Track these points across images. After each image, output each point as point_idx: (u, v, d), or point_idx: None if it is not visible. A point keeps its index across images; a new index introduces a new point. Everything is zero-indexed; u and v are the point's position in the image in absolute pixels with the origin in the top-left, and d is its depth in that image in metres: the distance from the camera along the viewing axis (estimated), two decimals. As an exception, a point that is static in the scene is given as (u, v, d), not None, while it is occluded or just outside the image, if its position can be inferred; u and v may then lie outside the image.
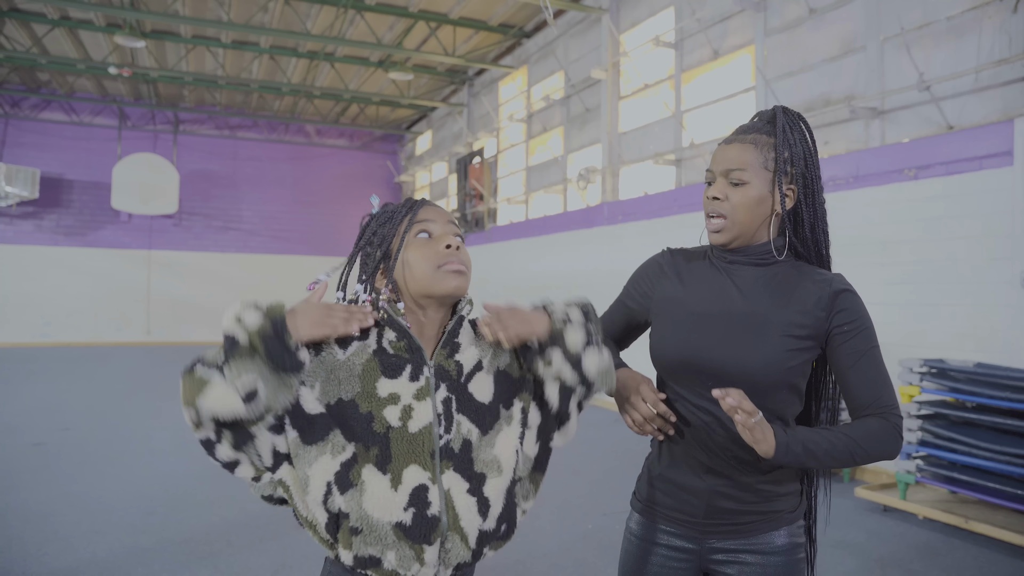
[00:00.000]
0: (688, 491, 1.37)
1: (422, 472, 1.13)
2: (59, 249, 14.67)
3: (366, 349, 1.18)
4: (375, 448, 1.12)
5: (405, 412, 1.15)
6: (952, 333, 4.76)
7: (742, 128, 1.37)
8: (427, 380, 1.17)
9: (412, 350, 1.18)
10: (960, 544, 3.91)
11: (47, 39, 11.55)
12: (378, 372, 1.16)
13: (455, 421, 1.18)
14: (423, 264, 1.19)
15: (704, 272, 1.40)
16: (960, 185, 4.76)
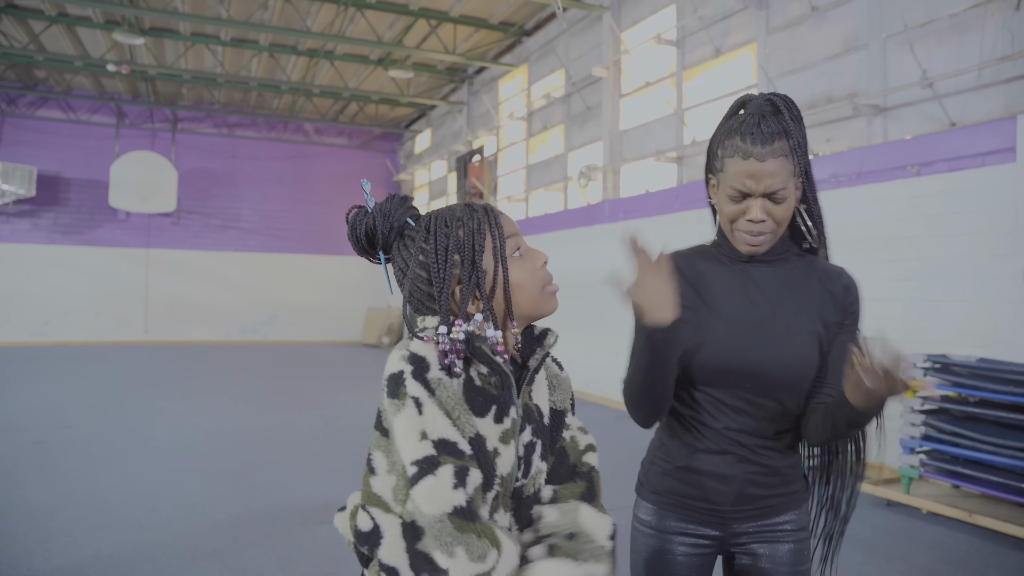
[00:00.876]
0: (718, 479, 1.35)
1: (505, 515, 1.05)
2: (57, 248, 14.63)
3: (455, 383, 1.02)
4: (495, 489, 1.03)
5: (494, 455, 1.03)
6: (955, 329, 4.77)
7: (760, 136, 1.27)
8: (513, 422, 1.05)
9: (504, 387, 1.04)
10: (964, 538, 3.92)
11: (44, 36, 11.52)
12: (465, 407, 1.01)
13: (534, 468, 1.08)
14: (530, 285, 1.07)
15: (721, 274, 1.37)
16: (962, 182, 4.78)
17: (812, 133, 6.12)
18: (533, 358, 1.11)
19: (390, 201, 1.08)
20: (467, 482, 0.94)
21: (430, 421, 0.96)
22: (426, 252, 1.05)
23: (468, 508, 0.92)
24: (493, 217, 1.08)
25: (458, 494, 0.92)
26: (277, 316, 16.14)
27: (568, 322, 9.08)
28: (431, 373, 0.99)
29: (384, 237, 1.08)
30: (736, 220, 1.31)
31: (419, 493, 0.93)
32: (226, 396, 8.49)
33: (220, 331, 15.69)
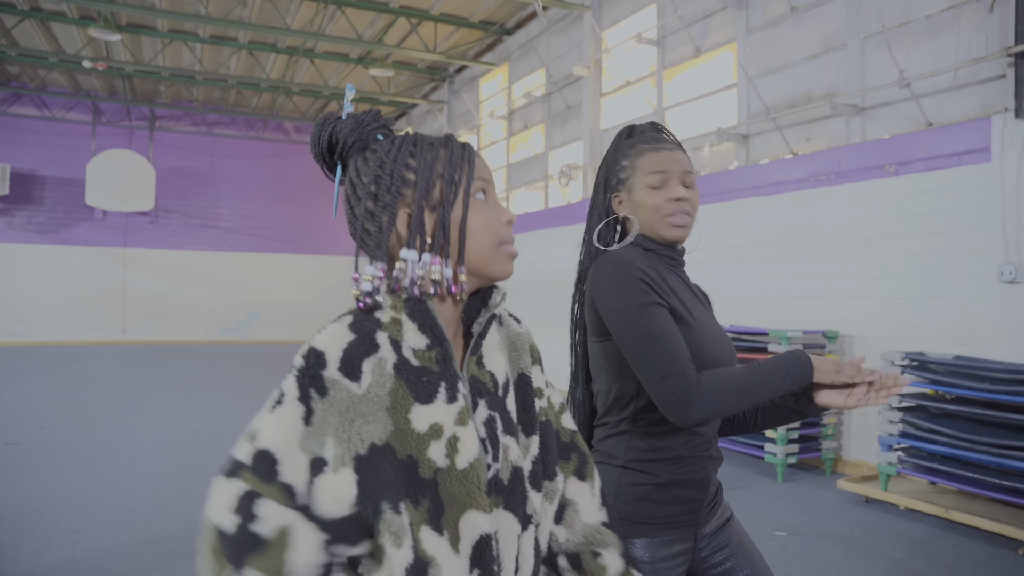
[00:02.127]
0: (695, 486, 1.35)
1: (479, 516, 0.87)
2: (32, 247, 14.38)
3: (383, 367, 0.86)
4: (425, 501, 0.84)
5: (451, 446, 0.87)
6: (933, 327, 4.82)
7: (664, 139, 1.43)
8: (465, 398, 0.90)
9: (445, 360, 0.89)
10: (940, 533, 3.97)
11: (17, 31, 11.30)
12: (409, 398, 0.86)
13: (501, 445, 0.93)
14: (486, 236, 0.92)
15: (669, 276, 1.39)
16: (939, 181, 4.83)
17: (791, 132, 6.17)
18: (476, 323, 0.96)
19: (367, 113, 0.97)
20: (251, 511, 0.78)
21: (272, 425, 0.82)
22: (383, 165, 0.91)
23: (234, 537, 0.78)
24: (469, 152, 0.94)
25: (229, 517, 0.79)
26: (258, 316, 15.99)
27: (549, 320, 9.08)
28: (327, 371, 0.83)
29: (347, 147, 0.95)
30: (662, 207, 1.36)
31: (213, 489, 0.82)
32: (205, 396, 8.39)
33: (200, 331, 15.51)
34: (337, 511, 0.80)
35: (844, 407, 1.28)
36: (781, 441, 5.03)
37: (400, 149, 0.92)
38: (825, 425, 5.31)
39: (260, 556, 0.77)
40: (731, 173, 6.66)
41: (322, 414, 0.81)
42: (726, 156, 7.00)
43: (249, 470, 0.80)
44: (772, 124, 6.28)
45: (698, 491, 1.35)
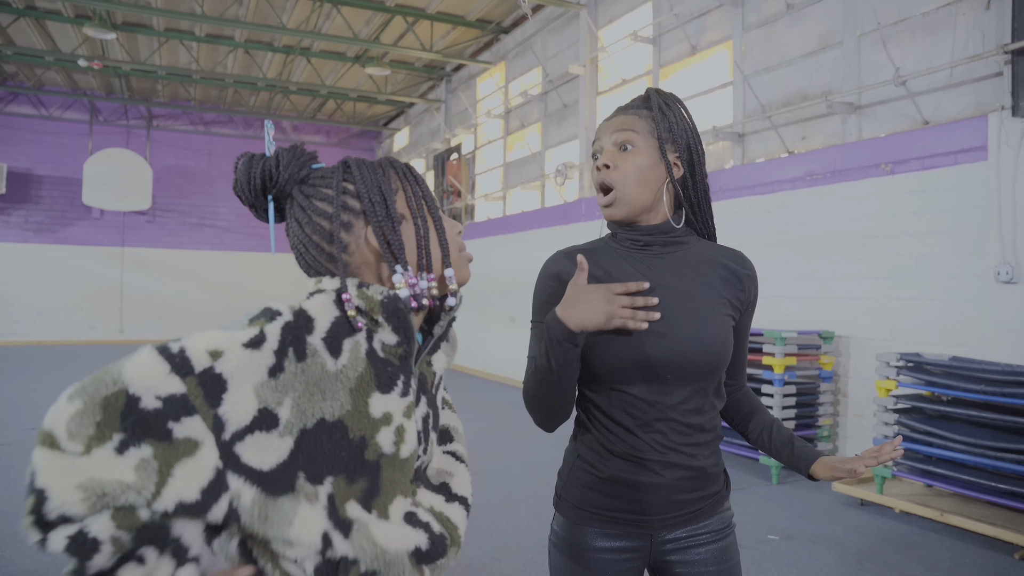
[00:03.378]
0: (645, 490, 1.27)
1: (403, 500, 0.95)
2: (28, 246, 14.35)
3: (358, 350, 0.90)
4: (362, 480, 0.88)
5: (398, 435, 0.92)
6: (928, 327, 4.77)
7: (621, 107, 1.36)
8: (413, 393, 0.96)
9: (406, 357, 0.94)
10: (935, 537, 3.92)
11: (12, 29, 11.27)
12: (372, 385, 0.90)
13: (430, 440, 1.02)
14: (450, 246, 1.01)
15: (625, 265, 1.30)
16: (936, 180, 4.78)
17: (787, 131, 6.12)
18: (438, 324, 1.03)
19: (295, 148, 0.99)
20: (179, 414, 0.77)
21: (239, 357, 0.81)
22: (346, 191, 0.95)
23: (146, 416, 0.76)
24: (415, 170, 1.01)
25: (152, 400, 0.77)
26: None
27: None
28: (312, 337, 0.86)
29: (284, 180, 0.96)
30: (595, 183, 1.31)
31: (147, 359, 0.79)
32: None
33: (197, 330, 15.44)
34: (255, 463, 0.81)
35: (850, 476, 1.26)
36: (776, 443, 4.97)
37: (356, 171, 0.96)
38: (820, 427, 5.26)
39: (161, 445, 0.76)
40: (726, 172, 6.61)
41: (291, 376, 0.84)
42: (722, 155, 6.95)
43: (196, 382, 0.79)
44: (768, 123, 6.23)
45: (651, 495, 1.27)
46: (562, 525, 1.35)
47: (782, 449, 1.38)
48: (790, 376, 5.05)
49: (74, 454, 0.74)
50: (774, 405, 4.99)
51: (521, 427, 6.70)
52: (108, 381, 0.77)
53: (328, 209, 0.94)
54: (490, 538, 3.78)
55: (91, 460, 0.74)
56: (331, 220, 0.93)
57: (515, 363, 10.08)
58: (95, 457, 0.74)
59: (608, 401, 1.28)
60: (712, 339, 1.26)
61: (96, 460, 0.74)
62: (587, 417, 1.33)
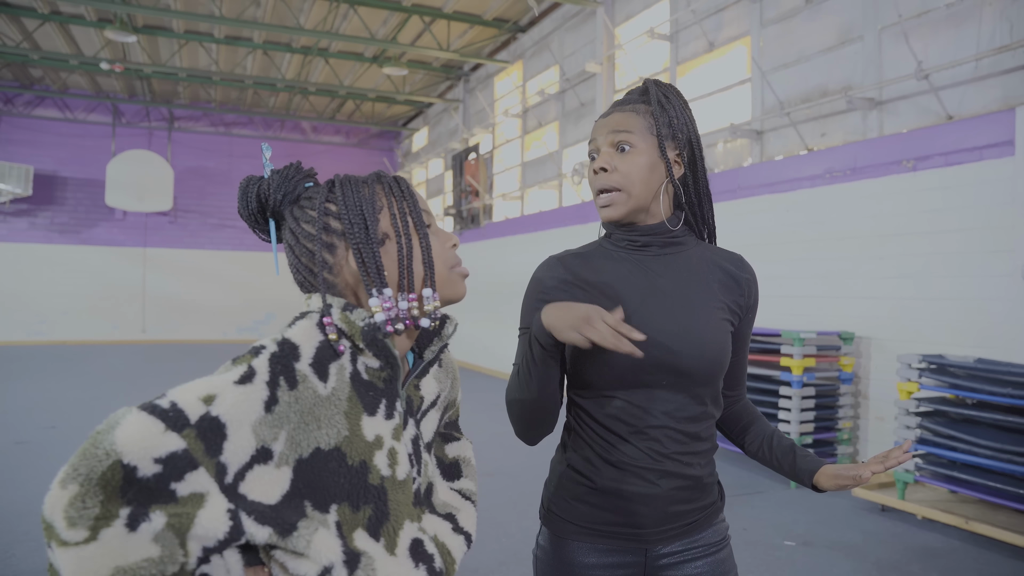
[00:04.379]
0: (639, 501, 1.21)
1: (411, 525, 0.93)
2: (53, 247, 14.57)
3: (343, 374, 0.90)
4: (368, 508, 0.87)
5: (391, 457, 0.91)
6: (951, 328, 4.64)
7: (617, 102, 1.29)
8: (399, 415, 0.95)
9: (390, 380, 0.93)
10: (960, 545, 3.79)
11: (38, 34, 11.45)
12: (360, 408, 0.89)
13: (423, 461, 1.01)
14: (438, 262, 0.97)
15: (620, 268, 1.25)
16: (959, 176, 4.64)
17: (806, 128, 5.99)
18: (429, 349, 1.02)
19: (289, 167, 0.98)
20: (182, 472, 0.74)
21: (233, 397, 0.79)
22: (328, 212, 0.94)
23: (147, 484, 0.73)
24: (405, 184, 0.98)
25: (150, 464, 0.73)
26: (275, 315, 16.06)
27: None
28: (300, 364, 0.86)
29: (277, 202, 0.96)
30: (592, 183, 1.24)
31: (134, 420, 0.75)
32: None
33: (218, 330, 15.61)
34: (261, 499, 0.80)
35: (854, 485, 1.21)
36: (794, 446, 4.86)
37: (339, 190, 0.95)
38: (840, 430, 5.14)
39: (170, 507, 0.75)
40: (744, 170, 6.49)
41: (286, 407, 0.83)
42: (740, 153, 6.84)
43: (195, 433, 0.76)
44: (786, 119, 6.11)
45: (645, 507, 1.21)
46: (549, 540, 1.28)
47: (783, 460, 1.31)
48: (809, 378, 4.94)
49: (79, 543, 0.70)
50: (792, 407, 4.88)
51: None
52: (100, 455, 0.72)
53: (312, 231, 0.93)
54: (499, 542, 3.73)
55: (101, 545, 0.71)
56: (314, 242, 0.93)
57: (532, 364, 10.00)
58: (104, 540, 0.71)
59: (600, 407, 1.22)
60: (710, 344, 1.21)
61: (108, 544, 0.71)
62: (578, 424, 1.27)
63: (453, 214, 13.16)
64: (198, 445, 0.76)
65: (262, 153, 1.00)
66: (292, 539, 0.81)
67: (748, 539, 3.85)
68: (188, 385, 0.80)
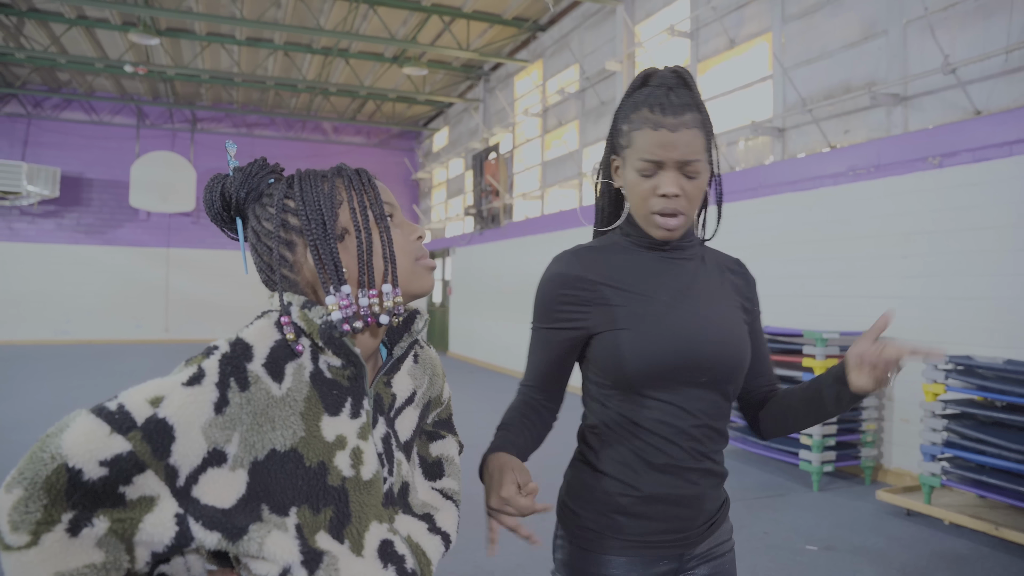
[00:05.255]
0: (686, 504, 1.19)
1: (380, 527, 0.91)
2: (79, 247, 14.80)
3: (302, 373, 0.88)
4: (328, 509, 0.85)
5: (355, 457, 0.89)
6: (978, 328, 4.52)
7: (672, 107, 1.15)
8: (367, 414, 0.93)
9: (356, 378, 0.92)
10: (989, 552, 3.69)
11: (65, 38, 11.62)
12: (320, 408, 0.88)
13: (395, 460, 0.98)
14: (402, 256, 0.94)
15: (642, 263, 1.22)
16: (988, 172, 4.53)
17: (829, 125, 5.89)
18: (399, 345, 0.99)
19: (252, 164, 0.96)
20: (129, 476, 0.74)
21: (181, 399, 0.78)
22: (286, 208, 0.92)
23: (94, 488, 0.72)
24: (367, 176, 0.96)
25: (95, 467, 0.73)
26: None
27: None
28: (252, 364, 0.84)
29: (241, 200, 0.94)
30: (648, 199, 1.18)
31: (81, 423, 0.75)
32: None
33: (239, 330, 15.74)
34: (215, 503, 0.79)
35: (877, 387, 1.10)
36: (817, 448, 4.78)
37: (298, 187, 0.92)
38: (864, 432, 5.04)
39: (116, 512, 0.74)
40: (766, 168, 6.40)
41: (237, 408, 0.81)
42: (761, 150, 6.74)
43: (141, 435, 0.76)
44: (809, 116, 6.00)
45: (690, 509, 1.19)
46: (575, 556, 1.22)
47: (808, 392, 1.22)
48: (832, 379, 4.84)
49: (21, 548, 0.70)
50: (814, 409, 4.79)
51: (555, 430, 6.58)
52: (46, 459, 0.72)
53: (272, 228, 0.92)
54: (516, 543, 3.68)
55: (41, 551, 0.71)
56: (273, 239, 0.92)
57: (551, 364, 9.96)
58: (45, 545, 0.71)
59: (639, 409, 1.18)
60: (739, 342, 1.22)
61: (49, 549, 0.71)
62: (612, 429, 1.21)
63: (473, 214, 13.15)
64: (144, 447, 0.75)
65: (227, 151, 0.97)
66: (243, 543, 0.79)
67: (769, 543, 3.78)
68: (139, 387, 0.80)
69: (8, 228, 14.42)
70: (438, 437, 1.15)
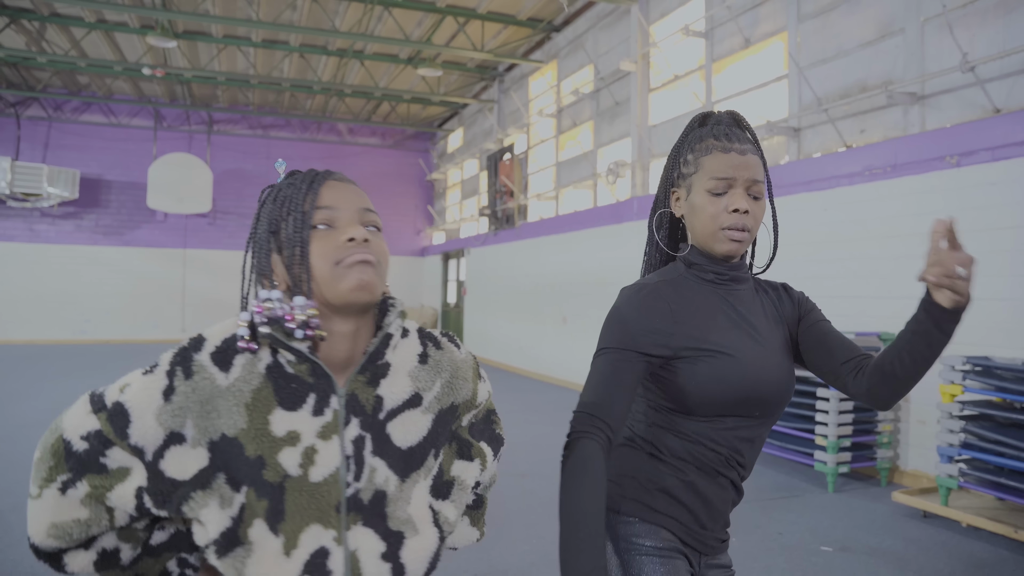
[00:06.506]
0: (715, 504, 1.27)
1: (323, 532, 0.89)
2: (98, 248, 14.97)
3: (256, 367, 0.91)
4: (265, 501, 0.87)
5: (307, 456, 0.89)
6: (998, 329, 4.47)
7: (736, 136, 1.27)
8: (335, 414, 0.92)
9: (317, 374, 0.92)
10: (1009, 556, 3.66)
11: (85, 42, 11.77)
12: (273, 401, 0.89)
13: (367, 466, 0.93)
14: (322, 263, 0.92)
15: (708, 301, 1.27)
16: (1006, 171, 4.48)
17: (845, 124, 5.85)
18: (371, 342, 0.99)
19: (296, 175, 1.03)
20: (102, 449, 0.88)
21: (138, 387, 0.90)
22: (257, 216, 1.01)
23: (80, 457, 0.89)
24: (308, 183, 0.96)
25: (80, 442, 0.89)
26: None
27: (597, 323, 8.90)
28: (199, 355, 0.91)
29: None
30: (719, 216, 1.23)
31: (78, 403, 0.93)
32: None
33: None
34: (176, 475, 0.88)
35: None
36: (832, 449, 4.75)
37: (263, 194, 1.01)
38: (880, 433, 5.00)
39: (97, 477, 0.89)
40: (781, 168, 6.36)
41: (183, 397, 0.88)
42: (777, 150, 6.70)
43: (107, 417, 0.89)
44: (824, 116, 5.97)
45: (713, 511, 1.27)
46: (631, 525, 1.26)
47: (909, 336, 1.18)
48: (848, 380, 4.81)
49: (33, 497, 0.90)
50: (830, 410, 4.76)
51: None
52: (54, 430, 0.91)
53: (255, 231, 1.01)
54: (530, 543, 3.70)
55: (42, 502, 0.89)
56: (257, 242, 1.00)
57: (567, 364, 9.97)
58: (44, 498, 0.89)
59: (699, 430, 1.25)
60: (788, 375, 1.28)
61: (46, 502, 0.89)
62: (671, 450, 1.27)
63: (488, 214, 13.17)
64: (109, 427, 0.88)
65: (276, 169, 1.05)
66: (186, 506, 0.88)
67: (784, 544, 3.76)
68: (126, 375, 0.94)
69: (29, 229, 14.61)
70: (467, 453, 1.09)
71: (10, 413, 6.96)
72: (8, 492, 4.34)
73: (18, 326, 14.36)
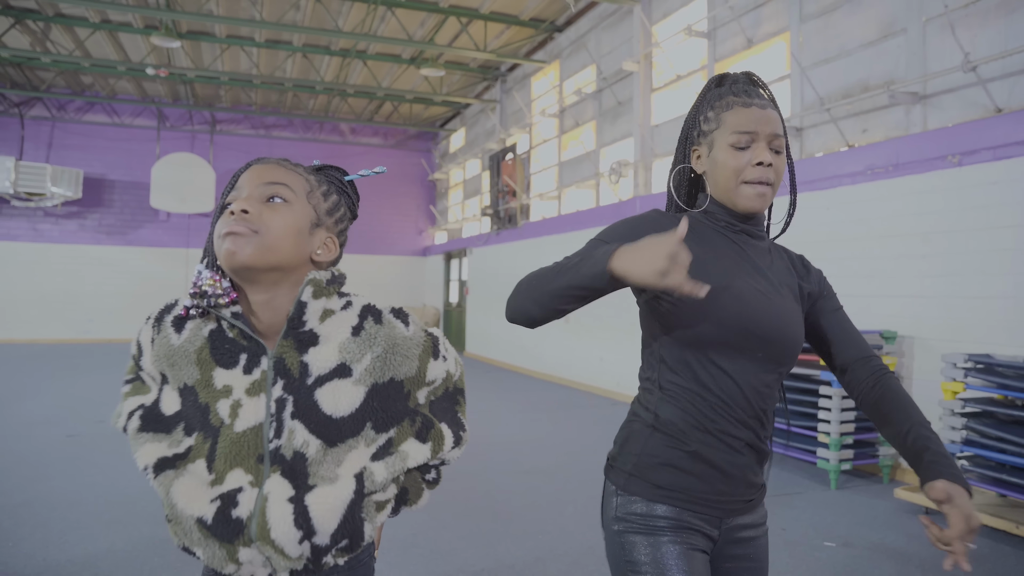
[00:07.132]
0: (727, 469, 1.25)
1: (244, 475, 1.02)
2: (101, 248, 15.01)
3: (200, 331, 1.07)
4: (208, 442, 1.04)
5: (233, 409, 1.03)
6: (998, 327, 4.51)
7: (756, 94, 1.30)
8: (263, 374, 1.04)
9: (247, 338, 1.05)
10: (1011, 551, 3.69)
11: (89, 42, 11.81)
12: (211, 360, 1.05)
13: (287, 428, 1.03)
14: (215, 237, 1.06)
15: (720, 240, 1.29)
16: (1008, 171, 4.51)
17: (847, 124, 5.88)
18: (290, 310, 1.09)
19: None
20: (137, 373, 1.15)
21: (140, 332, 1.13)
22: None
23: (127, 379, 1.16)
24: (246, 166, 1.11)
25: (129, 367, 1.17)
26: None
27: (599, 322, 8.94)
28: (168, 316, 1.10)
29: None
30: (742, 171, 1.25)
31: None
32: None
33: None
34: (164, 409, 1.09)
35: None
36: (835, 446, 4.78)
37: None
38: (883, 431, 5.03)
39: (134, 385, 1.15)
40: (784, 167, 6.40)
41: (158, 347, 1.09)
42: (780, 150, 6.73)
43: (137, 344, 1.14)
44: (827, 116, 6.00)
45: (728, 475, 1.25)
46: (627, 503, 1.27)
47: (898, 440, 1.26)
48: (850, 378, 4.83)
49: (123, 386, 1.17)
50: (832, 407, 4.80)
51: (572, 428, 6.63)
52: (132, 344, 1.16)
53: None
54: (535, 539, 3.73)
55: (125, 392, 1.14)
56: None
57: (569, 364, 10.01)
58: (125, 390, 1.14)
59: (697, 372, 1.25)
60: (797, 326, 1.29)
61: (125, 391, 1.14)
62: (670, 390, 1.27)
63: (490, 214, 13.20)
64: (137, 352, 1.13)
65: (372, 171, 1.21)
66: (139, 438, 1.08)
67: (787, 539, 3.79)
68: None
69: (33, 229, 14.66)
70: (424, 434, 1.13)
71: (14, 412, 7.00)
72: (16, 489, 4.38)
73: (21, 325, 14.41)
